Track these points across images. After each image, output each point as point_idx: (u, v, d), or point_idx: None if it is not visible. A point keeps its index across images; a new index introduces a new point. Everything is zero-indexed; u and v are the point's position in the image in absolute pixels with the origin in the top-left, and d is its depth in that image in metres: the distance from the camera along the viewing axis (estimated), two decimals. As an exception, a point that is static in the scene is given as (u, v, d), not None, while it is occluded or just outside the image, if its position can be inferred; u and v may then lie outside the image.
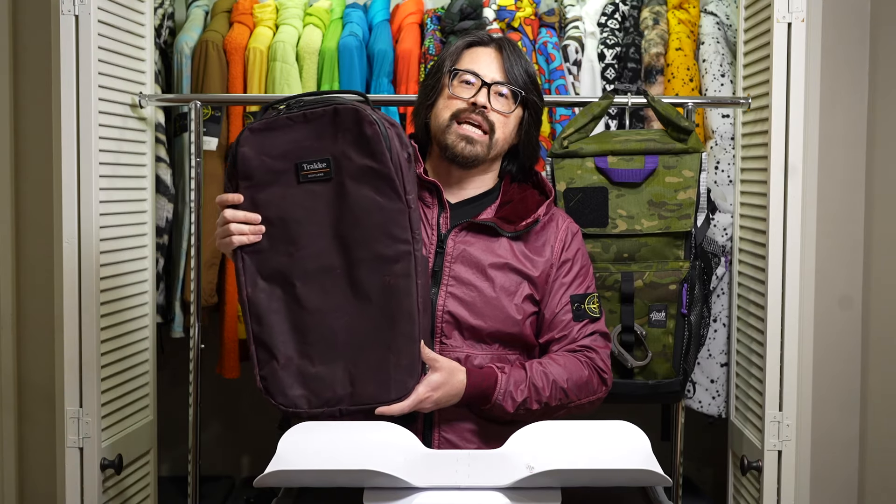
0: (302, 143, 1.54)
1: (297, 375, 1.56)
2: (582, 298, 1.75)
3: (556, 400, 1.66)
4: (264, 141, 1.55)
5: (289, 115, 1.54)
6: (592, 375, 1.71)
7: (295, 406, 1.56)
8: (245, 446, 2.99)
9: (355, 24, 2.55)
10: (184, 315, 2.52)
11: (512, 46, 1.78)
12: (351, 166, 1.54)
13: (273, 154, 1.55)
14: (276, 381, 1.56)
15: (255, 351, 1.57)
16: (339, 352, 1.55)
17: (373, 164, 1.53)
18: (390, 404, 1.55)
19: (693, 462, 2.79)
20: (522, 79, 1.75)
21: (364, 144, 1.53)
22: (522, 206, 1.76)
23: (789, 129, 2.12)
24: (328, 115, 1.54)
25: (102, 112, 2.14)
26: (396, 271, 1.54)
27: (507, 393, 1.63)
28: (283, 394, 1.56)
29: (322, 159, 1.54)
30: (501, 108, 1.73)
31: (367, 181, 1.54)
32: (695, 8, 2.53)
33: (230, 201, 1.57)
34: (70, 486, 2.12)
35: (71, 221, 2.09)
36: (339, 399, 1.55)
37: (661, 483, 1.41)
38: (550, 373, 1.66)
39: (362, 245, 1.54)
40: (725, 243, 2.44)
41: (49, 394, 2.28)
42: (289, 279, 1.56)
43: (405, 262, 1.54)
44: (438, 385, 1.59)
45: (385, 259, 1.54)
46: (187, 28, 2.58)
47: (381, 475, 1.37)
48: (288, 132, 1.54)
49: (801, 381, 2.19)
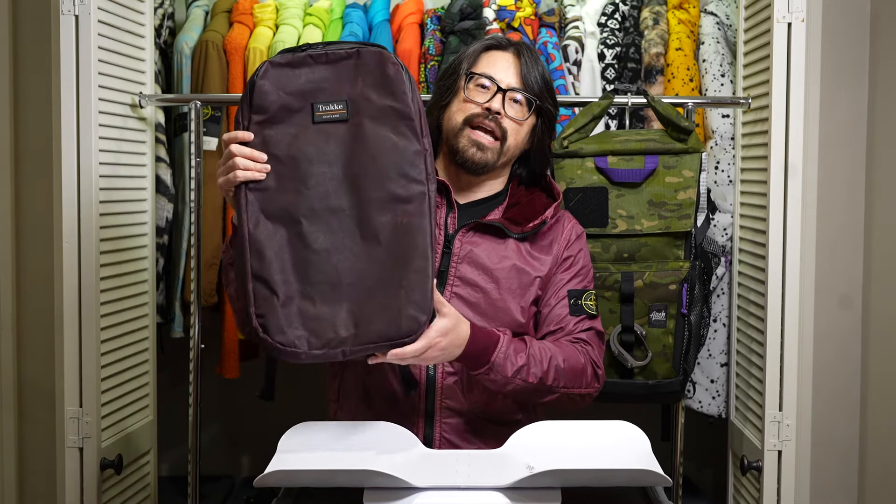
0: (320, 83, 1.51)
1: (297, 315, 1.48)
2: (579, 294, 1.75)
3: (551, 378, 1.64)
4: (284, 77, 1.51)
5: (311, 53, 1.51)
6: (588, 365, 1.70)
7: (294, 346, 1.46)
8: (245, 446, 2.99)
9: (355, 24, 2.55)
10: (184, 315, 2.52)
11: (530, 52, 1.77)
12: (370, 107, 1.52)
13: (290, 91, 1.51)
14: (275, 318, 1.47)
15: (253, 288, 1.48)
16: (343, 293, 1.49)
17: (394, 104, 1.52)
18: (401, 342, 1.47)
19: (693, 462, 2.79)
20: (538, 86, 1.74)
21: (386, 85, 1.52)
22: (530, 208, 1.76)
23: (789, 129, 2.12)
24: (351, 57, 1.52)
25: (102, 112, 2.14)
26: (410, 211, 1.50)
27: (507, 355, 1.60)
28: (282, 332, 1.47)
29: (339, 101, 1.51)
30: (515, 115, 1.73)
31: (385, 121, 1.52)
32: (695, 8, 2.53)
33: (240, 138, 1.50)
34: (70, 486, 2.12)
35: (71, 221, 2.09)
36: (341, 340, 1.47)
37: (661, 483, 1.41)
38: (548, 349, 1.66)
39: (375, 185, 1.50)
40: (725, 243, 2.44)
41: (49, 394, 2.28)
42: (294, 218, 1.50)
43: (419, 202, 1.51)
44: (447, 331, 1.54)
45: (398, 199, 1.51)
46: (187, 28, 2.58)
47: (381, 475, 1.37)
48: (308, 71, 1.51)
49: (801, 381, 2.19)
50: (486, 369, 1.60)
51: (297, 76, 1.51)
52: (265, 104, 1.51)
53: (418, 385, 1.67)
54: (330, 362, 1.75)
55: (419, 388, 1.68)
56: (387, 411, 1.68)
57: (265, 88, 1.50)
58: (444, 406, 1.68)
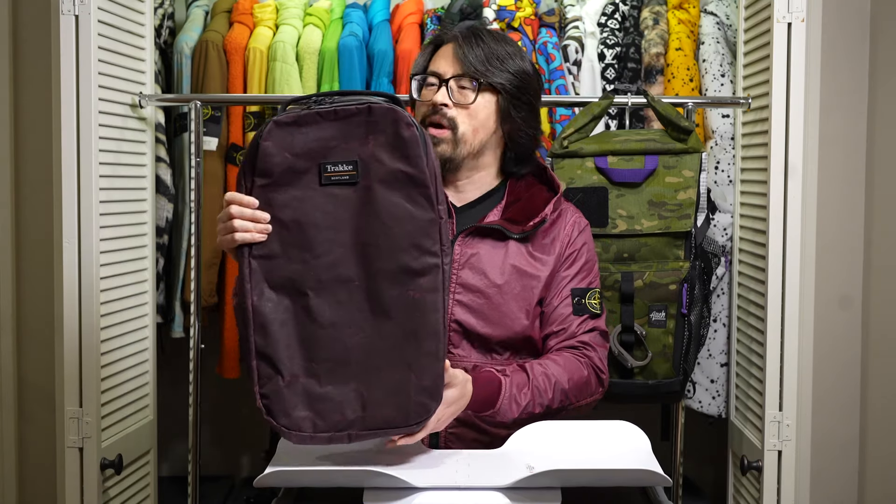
0: (328, 142, 1.42)
1: (302, 395, 1.42)
2: (583, 293, 1.72)
3: (557, 402, 1.63)
4: (289, 137, 1.41)
5: (319, 110, 1.42)
6: (591, 376, 1.68)
7: (299, 429, 1.41)
8: (245, 446, 2.99)
9: (355, 24, 2.55)
10: (184, 315, 2.52)
11: (475, 35, 1.71)
12: (381, 170, 1.42)
13: (296, 152, 1.41)
14: (280, 400, 1.41)
15: (257, 366, 1.42)
16: (350, 371, 1.42)
17: (407, 169, 1.42)
18: (408, 430, 1.42)
19: (693, 462, 2.78)
20: (482, 64, 1.68)
21: (400, 147, 1.42)
22: (529, 205, 1.73)
23: (789, 129, 2.12)
24: (362, 114, 1.42)
25: (102, 112, 2.14)
26: (423, 285, 1.42)
27: (511, 398, 1.59)
28: (287, 415, 1.41)
29: (348, 161, 1.41)
30: (461, 100, 1.69)
31: (398, 187, 1.42)
32: (695, 8, 2.53)
33: (244, 203, 1.43)
34: (70, 486, 2.12)
35: (71, 221, 2.09)
36: (348, 423, 1.41)
37: (661, 483, 1.41)
38: (552, 374, 1.64)
39: (387, 256, 1.42)
40: (725, 243, 2.44)
41: (49, 394, 2.28)
42: (300, 289, 1.42)
43: (433, 276, 1.42)
44: (454, 401, 1.50)
45: (411, 272, 1.42)
46: (187, 28, 2.58)
47: (381, 475, 1.37)
48: (315, 129, 1.42)
49: (801, 381, 2.19)
50: (492, 413, 1.59)
51: (303, 135, 1.41)
52: (270, 167, 1.42)
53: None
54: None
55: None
56: None
57: (269, 150, 1.41)
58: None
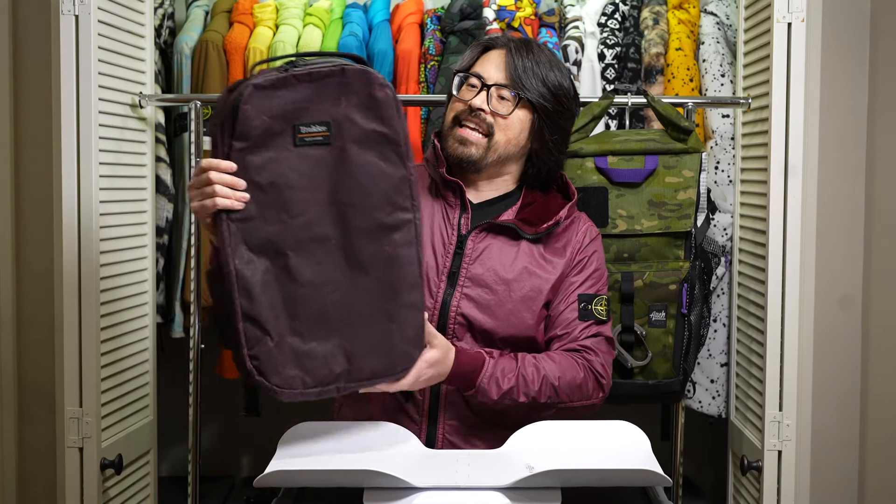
0: (301, 103, 1.43)
1: (290, 354, 1.43)
2: (590, 298, 1.72)
3: (544, 396, 1.63)
4: (268, 100, 1.41)
5: (295, 73, 1.42)
6: (588, 378, 1.67)
7: (290, 387, 1.43)
8: (245, 446, 2.99)
9: (355, 24, 2.55)
10: (184, 315, 2.52)
11: (527, 48, 1.72)
12: (355, 130, 1.44)
13: (273, 114, 1.42)
14: (271, 360, 1.42)
15: (244, 328, 1.42)
16: (332, 327, 1.45)
17: (381, 129, 1.45)
18: (394, 378, 1.49)
19: (693, 462, 2.79)
20: (529, 80, 1.69)
21: (373, 107, 1.44)
22: (544, 209, 1.74)
23: (789, 129, 2.12)
24: (335, 76, 1.43)
25: (102, 112, 2.14)
26: (397, 240, 1.47)
27: (492, 378, 1.61)
28: (277, 373, 1.43)
29: (322, 122, 1.44)
30: (500, 109, 1.70)
31: (371, 146, 1.45)
32: (695, 8, 2.53)
33: (222, 168, 1.42)
34: (70, 486, 2.12)
35: (71, 221, 2.09)
36: (335, 377, 1.45)
37: (661, 483, 1.41)
38: (542, 368, 1.64)
39: (362, 213, 1.45)
40: (725, 243, 2.44)
41: (49, 394, 2.28)
42: (280, 250, 1.43)
43: (406, 230, 1.47)
44: (435, 362, 1.55)
45: (385, 228, 1.46)
46: (187, 28, 2.58)
47: (381, 475, 1.37)
48: (291, 91, 1.43)
49: (801, 381, 2.19)
50: (473, 393, 1.62)
51: (280, 97, 1.42)
52: (248, 130, 1.42)
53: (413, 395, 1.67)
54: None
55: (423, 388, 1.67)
56: (391, 409, 1.69)
57: (249, 114, 1.41)
58: (449, 407, 1.68)
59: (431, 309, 1.67)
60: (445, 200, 1.73)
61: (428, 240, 1.70)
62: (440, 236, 1.71)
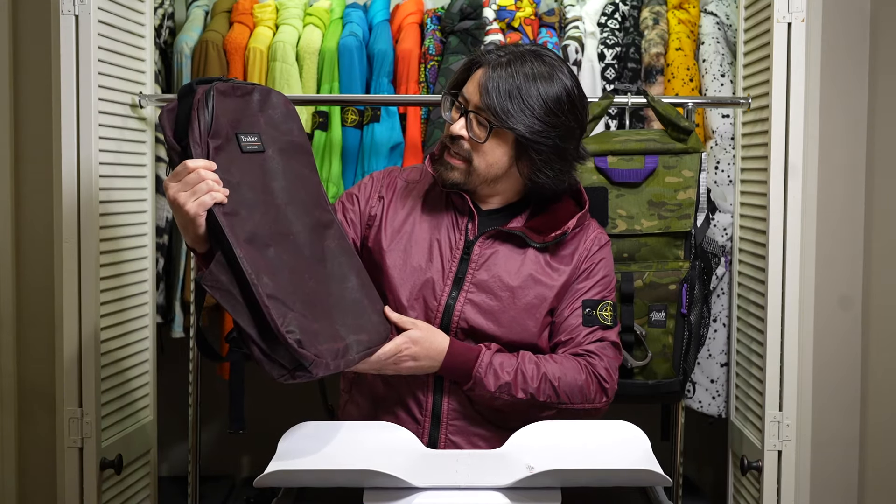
0: (236, 114, 1.55)
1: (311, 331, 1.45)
2: (595, 304, 1.72)
3: (543, 395, 1.63)
4: (223, 104, 1.52)
5: (234, 84, 1.57)
6: (590, 381, 1.67)
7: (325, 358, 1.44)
8: (245, 446, 2.99)
9: (355, 24, 2.55)
10: (184, 315, 2.52)
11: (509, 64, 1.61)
12: (280, 140, 1.60)
13: (228, 119, 1.52)
14: (306, 332, 1.43)
15: (271, 306, 1.42)
16: (322, 310, 1.51)
17: (295, 139, 1.63)
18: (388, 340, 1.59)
19: (693, 462, 2.79)
20: (502, 102, 1.59)
21: (288, 120, 1.62)
22: (553, 217, 1.72)
23: (789, 129, 2.12)
24: (254, 92, 1.59)
25: (102, 112, 2.14)
26: (333, 235, 1.62)
27: (489, 368, 1.61)
28: (314, 346, 1.43)
29: (253, 133, 1.56)
30: (478, 135, 1.64)
31: (293, 154, 1.61)
32: (695, 8, 2.53)
33: (202, 167, 1.44)
34: (70, 486, 2.12)
35: (71, 221, 2.09)
36: (346, 349, 1.49)
37: (661, 483, 1.41)
38: (543, 366, 1.64)
39: (304, 213, 1.58)
40: (725, 243, 2.44)
41: (49, 394, 2.28)
42: (264, 241, 1.48)
43: (336, 227, 1.64)
44: (417, 339, 1.61)
45: (323, 224, 1.61)
46: (187, 28, 2.58)
47: (381, 475, 1.37)
48: (231, 101, 1.55)
49: (801, 380, 2.19)
50: (471, 384, 1.62)
51: (227, 105, 1.54)
52: (218, 129, 1.51)
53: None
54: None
55: (427, 388, 1.68)
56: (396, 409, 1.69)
57: (218, 114, 1.50)
58: (452, 408, 1.68)
59: (434, 311, 1.67)
60: (455, 206, 1.73)
61: (429, 244, 1.71)
62: (447, 241, 1.71)
